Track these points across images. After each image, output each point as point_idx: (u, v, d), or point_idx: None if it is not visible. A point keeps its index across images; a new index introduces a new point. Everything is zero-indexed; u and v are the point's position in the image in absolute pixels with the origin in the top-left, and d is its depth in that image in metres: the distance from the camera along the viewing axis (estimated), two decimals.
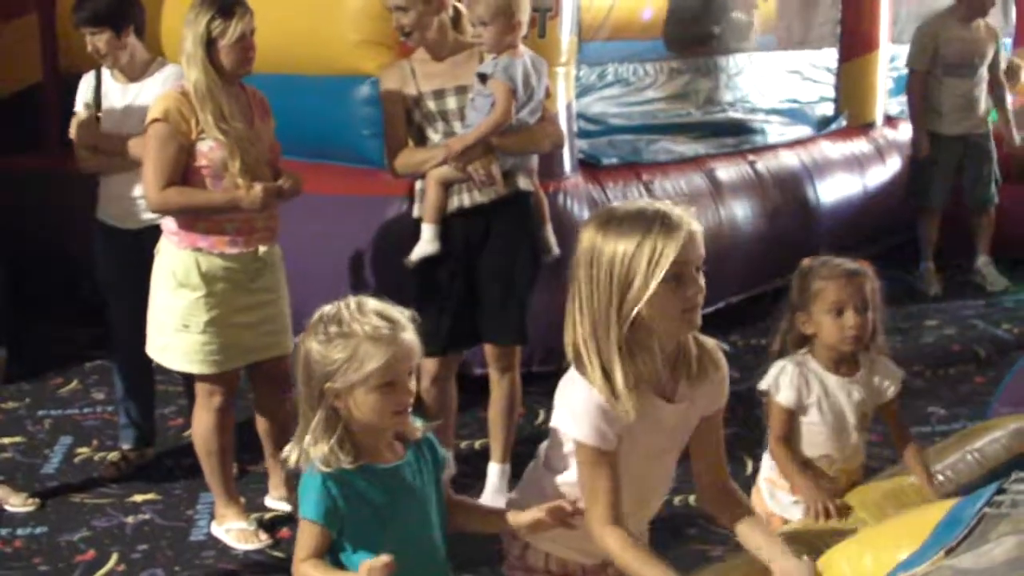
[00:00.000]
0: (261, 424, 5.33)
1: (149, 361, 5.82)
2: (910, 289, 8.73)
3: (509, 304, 5.20)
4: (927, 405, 6.52)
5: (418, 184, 5.23)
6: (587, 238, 2.81)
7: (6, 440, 6.19)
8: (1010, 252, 9.12)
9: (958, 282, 8.96)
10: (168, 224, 4.92)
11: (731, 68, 8.77)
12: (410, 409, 2.86)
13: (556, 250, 5.30)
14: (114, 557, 4.98)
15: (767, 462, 3.85)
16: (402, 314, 2.86)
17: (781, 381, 3.71)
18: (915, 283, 8.77)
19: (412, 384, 2.84)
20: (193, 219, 4.84)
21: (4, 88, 7.75)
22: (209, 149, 4.77)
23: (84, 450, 6.06)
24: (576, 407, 2.84)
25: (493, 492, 5.34)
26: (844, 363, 3.75)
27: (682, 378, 2.91)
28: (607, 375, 2.78)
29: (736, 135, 8.55)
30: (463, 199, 5.10)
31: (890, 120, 9.79)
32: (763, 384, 3.74)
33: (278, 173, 4.99)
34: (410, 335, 2.83)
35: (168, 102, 4.80)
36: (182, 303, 4.88)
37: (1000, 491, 2.50)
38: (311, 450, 2.81)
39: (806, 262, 3.79)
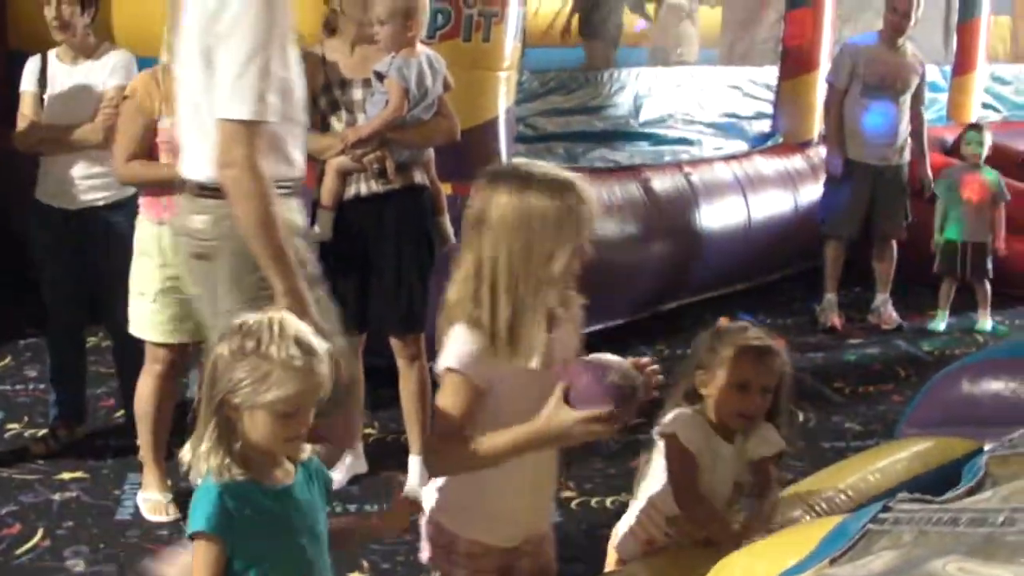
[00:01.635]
0: None
1: (82, 340, 5.94)
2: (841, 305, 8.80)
3: (399, 293, 5.36)
4: (844, 421, 6.67)
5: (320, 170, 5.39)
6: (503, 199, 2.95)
7: None
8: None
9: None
10: (140, 198, 5.20)
11: (672, 80, 8.88)
12: (303, 437, 2.84)
13: (453, 239, 5.47)
14: (40, 532, 5.05)
15: (637, 508, 3.76)
16: (321, 344, 2.82)
17: (686, 424, 3.60)
18: (817, 315, 8.69)
19: (311, 416, 2.81)
20: (158, 191, 5.04)
21: None
22: (170, 125, 4.93)
23: (14, 426, 6.12)
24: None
25: (415, 483, 5.45)
26: (725, 429, 3.63)
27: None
28: (509, 329, 2.94)
29: (673, 146, 8.67)
30: (359, 188, 5.28)
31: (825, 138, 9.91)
32: (665, 428, 3.62)
33: None
34: (324, 368, 2.79)
35: (137, 82, 5.12)
36: (141, 271, 5.14)
37: (885, 509, 2.62)
38: (205, 461, 2.75)
39: (723, 323, 3.70)
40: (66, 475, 5.59)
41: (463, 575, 3.21)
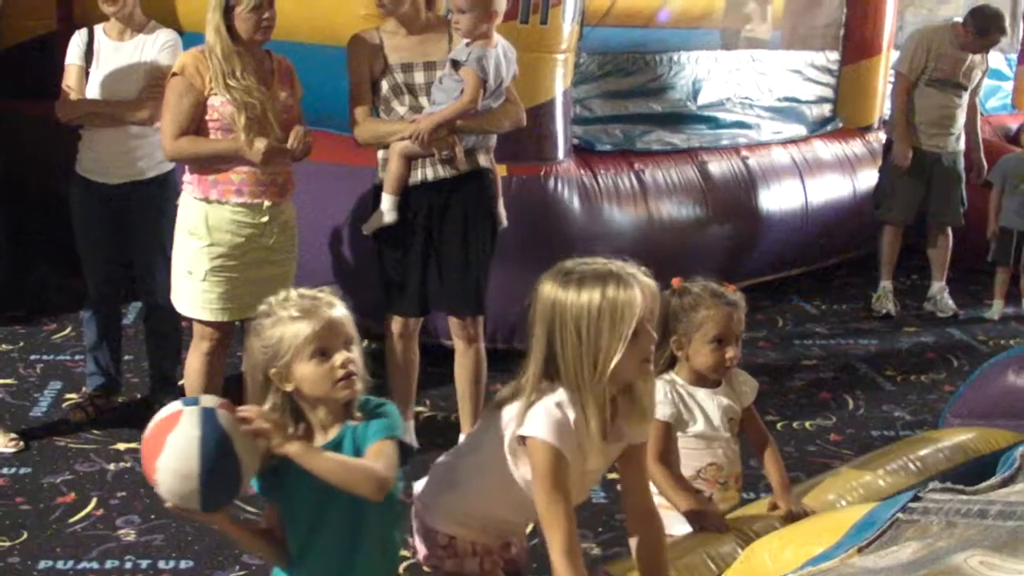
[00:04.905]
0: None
1: (119, 312, 6.03)
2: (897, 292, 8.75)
3: (466, 276, 5.42)
4: (894, 409, 6.64)
5: (380, 153, 5.41)
6: (546, 293, 3.00)
7: None
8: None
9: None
10: (185, 175, 5.20)
11: (732, 64, 8.86)
12: (356, 380, 3.00)
13: (504, 223, 5.55)
14: (93, 501, 5.15)
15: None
16: (328, 292, 3.07)
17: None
18: (872, 302, 8.62)
19: (350, 354, 2.99)
20: (204, 168, 5.09)
21: (19, 35, 7.86)
22: (220, 104, 5.02)
23: (73, 396, 6.23)
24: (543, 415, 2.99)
25: None
26: (706, 378, 3.87)
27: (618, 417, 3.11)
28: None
29: (731, 130, 8.65)
30: (426, 173, 5.32)
31: (886, 124, 9.86)
32: None
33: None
34: (333, 310, 3.02)
35: (186, 58, 5.10)
36: (189, 250, 5.15)
37: (915, 499, 2.66)
38: None
39: (676, 284, 3.87)
40: (121, 446, 5.68)
41: (472, 564, 3.34)
